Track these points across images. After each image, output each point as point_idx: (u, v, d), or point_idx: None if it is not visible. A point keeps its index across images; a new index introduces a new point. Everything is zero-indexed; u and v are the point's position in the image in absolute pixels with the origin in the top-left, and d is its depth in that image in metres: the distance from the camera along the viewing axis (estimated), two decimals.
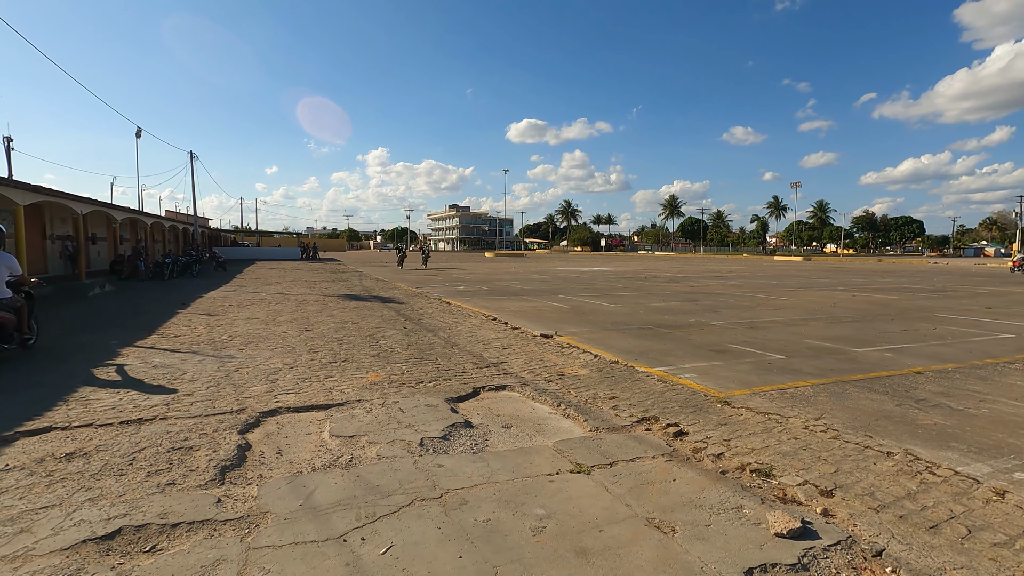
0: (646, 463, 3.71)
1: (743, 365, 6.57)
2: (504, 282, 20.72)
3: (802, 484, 3.34)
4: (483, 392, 5.52)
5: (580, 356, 7.06)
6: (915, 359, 7.00)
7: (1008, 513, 2.96)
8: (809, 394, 5.33)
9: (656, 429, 4.38)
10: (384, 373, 6.14)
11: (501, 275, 25.50)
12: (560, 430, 4.43)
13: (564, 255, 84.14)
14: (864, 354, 7.33)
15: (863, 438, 4.09)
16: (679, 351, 7.42)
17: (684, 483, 3.40)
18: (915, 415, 4.66)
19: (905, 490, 3.23)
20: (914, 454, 3.77)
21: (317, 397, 5.16)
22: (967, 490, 3.23)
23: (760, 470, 3.55)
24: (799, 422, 4.45)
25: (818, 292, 17.51)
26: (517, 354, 7.22)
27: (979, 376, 6.11)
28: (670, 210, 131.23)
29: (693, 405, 4.96)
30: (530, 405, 5.13)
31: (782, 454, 3.81)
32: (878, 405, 4.95)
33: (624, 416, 4.69)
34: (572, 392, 5.42)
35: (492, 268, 33.25)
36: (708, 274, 28.36)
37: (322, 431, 4.29)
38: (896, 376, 6.08)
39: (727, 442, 4.05)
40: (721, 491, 3.28)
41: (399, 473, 3.49)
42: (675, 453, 3.89)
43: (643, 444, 4.04)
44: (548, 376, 6.06)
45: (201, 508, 3.00)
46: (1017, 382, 5.86)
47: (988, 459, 3.70)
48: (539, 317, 10.75)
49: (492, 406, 5.08)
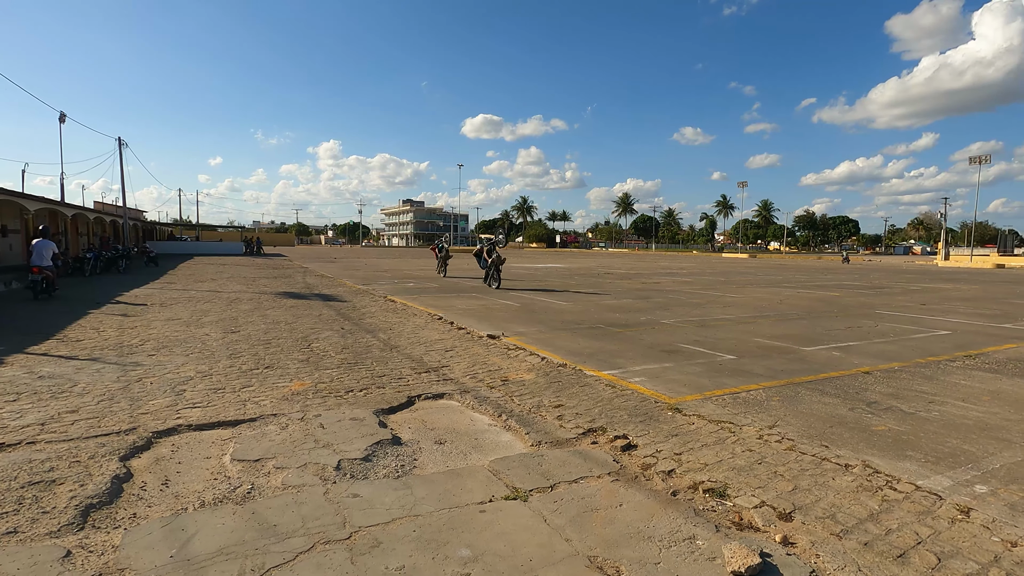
0: (591, 484, 3.33)
1: (694, 367, 6.33)
2: (455, 279, 20.16)
3: (759, 506, 3.03)
4: (418, 401, 5.04)
5: (527, 359, 6.67)
6: (862, 358, 6.96)
7: (976, 535, 2.73)
8: (762, 398, 5.10)
9: (603, 442, 4.01)
10: (311, 381, 5.56)
11: (453, 272, 24.90)
12: (499, 445, 4.00)
13: (519, 251, 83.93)
14: (812, 353, 7.25)
15: (819, 449, 3.84)
16: (630, 352, 7.13)
17: (632, 508, 3.03)
18: (869, 420, 4.49)
19: (867, 510, 2.97)
20: (873, 466, 3.54)
21: (227, 411, 4.55)
22: (931, 508, 3.00)
23: (714, 489, 3.22)
24: (753, 431, 4.19)
25: (765, 289, 17.81)
26: (460, 357, 6.76)
27: (925, 375, 6.08)
28: (623, 208, 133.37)
29: (643, 413, 4.64)
30: (469, 416, 4.68)
31: (736, 469, 3.50)
32: (831, 410, 4.76)
33: (569, 427, 4.31)
34: (515, 400, 5.01)
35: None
36: (660, 271, 28.64)
37: (224, 454, 3.71)
38: (845, 377, 5.96)
39: (678, 456, 3.73)
40: (672, 518, 2.93)
41: (304, 507, 2.98)
42: (623, 471, 3.53)
43: (588, 461, 3.66)
44: (491, 382, 5.62)
45: (40, 567, 2.40)
46: (961, 381, 5.84)
47: (947, 470, 3.51)
48: (488, 316, 10.31)
49: (427, 418, 4.60)
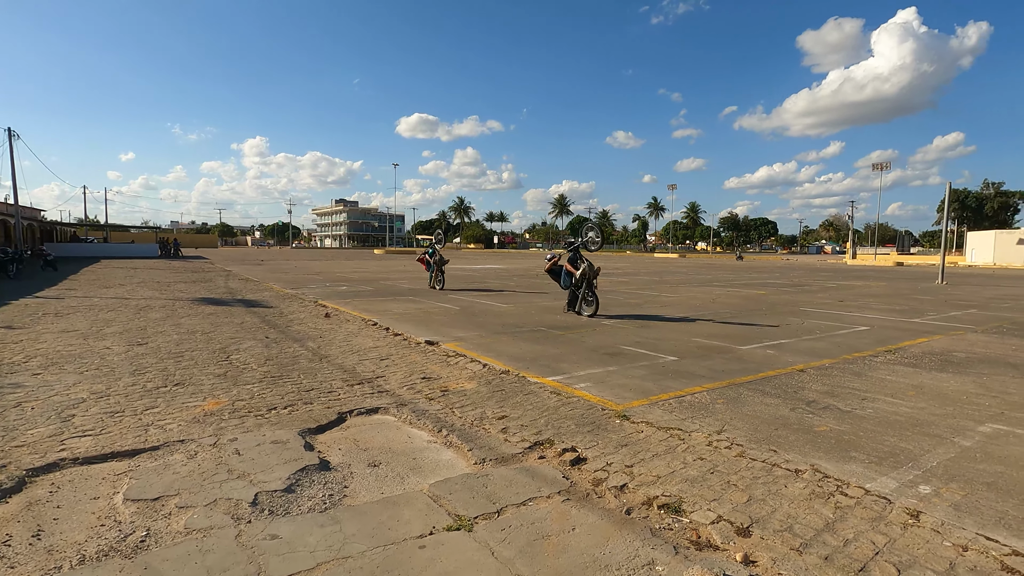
0: (540, 507, 3.07)
1: (638, 370, 6.25)
2: (391, 281, 19.52)
3: (716, 521, 2.88)
4: (350, 418, 4.62)
5: (468, 366, 6.36)
6: (795, 356, 7.15)
7: (929, 541, 2.69)
8: (706, 401, 5.06)
9: (551, 456, 3.78)
10: (227, 399, 5.00)
11: (389, 273, 24.16)
12: (439, 465, 3.68)
13: (457, 252, 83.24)
14: (749, 352, 7.38)
15: (768, 454, 3.79)
16: (573, 356, 6.98)
17: (585, 532, 2.80)
18: (811, 421, 4.51)
19: (823, 520, 2.89)
20: (822, 471, 3.50)
21: (124, 440, 3.95)
22: (882, 514, 2.96)
23: (669, 504, 3.06)
24: (702, 437, 4.09)
25: (698, 288, 18.36)
26: (397, 366, 6.35)
27: (853, 372, 6.29)
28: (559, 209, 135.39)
29: (590, 422, 4.45)
30: (406, 432, 4.32)
31: (690, 481, 3.36)
32: (774, 411, 4.77)
33: (515, 440, 4.05)
34: (456, 412, 4.69)
35: (381, 266, 31.62)
36: None
37: (115, 492, 3.17)
38: (782, 376, 6.06)
39: (630, 469, 3.55)
40: (629, 540, 2.73)
41: (211, 556, 2.54)
42: (573, 488, 3.30)
43: (536, 479, 3.41)
44: (430, 393, 5.28)
45: None
46: (887, 377, 6.07)
47: (890, 470, 3.53)
48: (426, 320, 9.90)
49: (360, 436, 4.20)
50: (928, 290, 18.84)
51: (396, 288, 16.63)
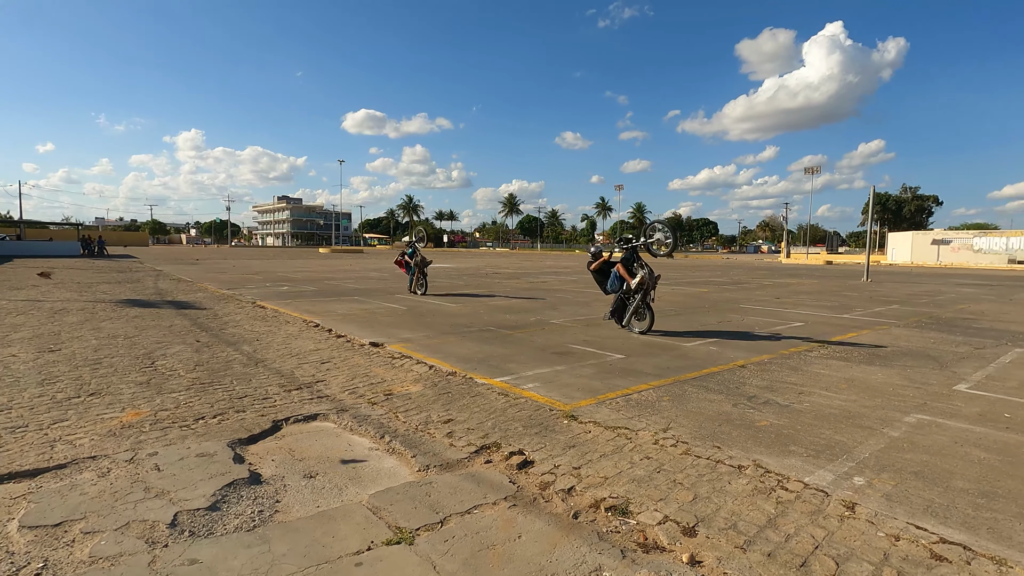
0: (486, 514, 2.96)
1: (586, 369, 6.24)
2: (336, 281, 18.92)
3: (663, 522, 2.86)
4: (286, 426, 4.36)
5: (413, 368, 6.17)
6: (736, 352, 7.35)
7: (864, 532, 2.76)
8: (653, 399, 5.09)
9: (498, 460, 3.68)
10: (149, 409, 4.62)
11: (334, 273, 23.44)
12: (381, 474, 3.51)
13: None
14: (693, 349, 7.53)
15: (713, 450, 3.82)
16: (521, 356, 6.91)
17: (532, 539, 2.72)
18: (752, 416, 4.61)
19: (765, 516, 2.92)
20: (763, 466, 3.56)
21: (25, 458, 3.56)
22: (820, 507, 3.02)
23: (616, 507, 3.01)
24: (648, 436, 4.09)
25: None
26: (339, 370, 6.09)
27: (791, 367, 6.52)
28: (509, 208, 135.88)
29: (538, 424, 4.38)
30: (346, 439, 4.11)
31: (637, 481, 3.34)
32: (717, 407, 4.85)
33: (461, 445, 3.93)
34: (400, 417, 4.51)
35: (325, 265, 30.66)
36: (546, 270, 29.25)
37: (10, 519, 2.83)
38: (725, 372, 6.20)
39: (577, 471, 3.49)
40: (576, 546, 2.66)
41: None
42: (520, 493, 3.21)
43: (482, 486, 3.30)
44: (373, 397, 5.07)
45: None
46: (821, 371, 6.32)
47: (826, 463, 3.63)
48: (371, 321, 9.60)
49: (296, 446, 3.96)
50: (855, 287, 19.98)
51: (341, 288, 16.12)
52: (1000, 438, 4.17)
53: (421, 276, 14.15)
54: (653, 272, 8.28)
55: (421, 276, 14.15)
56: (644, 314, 8.52)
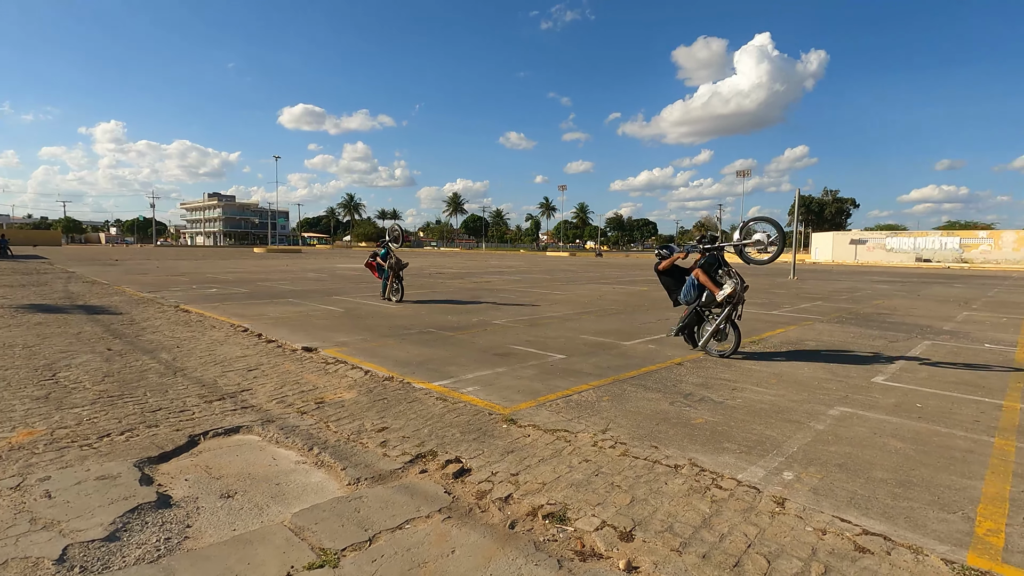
0: (418, 528, 2.82)
1: (527, 370, 6.18)
2: (271, 282, 18.08)
3: (600, 528, 2.81)
4: (204, 441, 4.03)
5: (348, 374, 5.90)
6: (673, 349, 7.50)
7: (793, 528, 2.81)
8: (592, 399, 5.08)
9: (433, 470, 3.53)
10: (45, 427, 4.16)
11: (269, 274, 22.42)
12: (307, 490, 3.29)
13: (347, 250, 79.98)
14: (632, 347, 7.63)
15: (650, 451, 3.83)
16: (462, 358, 6.77)
17: (466, 554, 2.60)
18: (688, 414, 4.68)
19: (700, 516, 2.93)
20: (699, 464, 3.59)
21: None
22: (752, 504, 3.07)
23: (554, 513, 2.94)
24: (588, 438, 4.06)
25: (586, 286, 19.00)
26: (267, 377, 5.74)
27: (724, 363, 6.70)
28: (454, 207, 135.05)
29: (477, 429, 4.26)
30: (271, 453, 3.85)
31: (575, 485, 3.28)
32: (655, 406, 4.90)
33: (395, 455, 3.75)
34: (331, 427, 4.28)
35: (260, 266, 29.30)
36: (490, 270, 29.17)
37: None
38: (662, 369, 6.30)
39: (515, 477, 3.40)
40: (511, 558, 2.56)
41: None
42: (455, 504, 3.08)
43: (416, 498, 3.14)
44: (303, 406, 4.79)
45: None
46: (752, 367, 6.54)
47: (758, 459, 3.71)
48: (305, 325, 9.18)
49: (214, 462, 3.67)
50: (782, 284, 21.06)
51: (275, 290, 15.40)
52: (914, 427, 4.41)
53: (396, 281, 12.56)
54: (743, 281, 6.71)
55: (396, 281, 12.56)
56: (727, 334, 6.96)
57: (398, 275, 12.56)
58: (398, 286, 12.58)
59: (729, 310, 6.74)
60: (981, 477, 3.49)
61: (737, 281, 6.70)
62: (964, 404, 5.10)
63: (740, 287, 6.67)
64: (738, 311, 6.87)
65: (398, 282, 12.59)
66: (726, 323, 6.85)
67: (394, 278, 12.53)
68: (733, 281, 6.69)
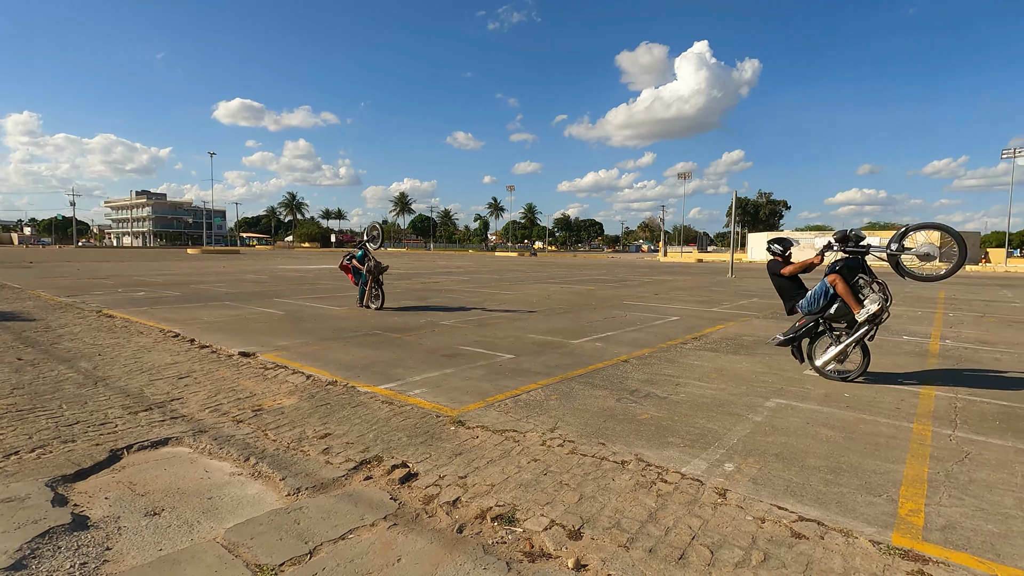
0: (363, 538, 2.71)
1: (476, 371, 6.12)
2: (205, 285, 17.19)
3: (549, 527, 2.80)
4: (129, 455, 3.76)
5: (288, 379, 5.66)
6: (619, 347, 7.64)
7: (734, 518, 2.90)
8: (541, 398, 5.09)
9: (378, 476, 3.42)
10: None
11: (204, 276, 21.32)
12: (242, 503, 3.11)
13: (289, 251, 77.25)
14: (579, 346, 7.71)
15: (598, 447, 3.86)
16: (409, 360, 6.63)
17: (413, 561, 2.52)
18: (634, 410, 4.75)
19: (647, 510, 2.97)
20: (645, 459, 3.65)
21: None
22: (696, 496, 3.14)
23: (503, 515, 2.91)
24: (536, 437, 4.05)
25: (534, 285, 19.12)
26: (200, 385, 5.43)
27: (668, 359, 6.88)
28: (401, 207, 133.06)
29: (424, 432, 4.17)
30: (203, 465, 3.63)
31: (524, 486, 3.26)
32: (602, 403, 4.95)
33: (338, 462, 3.61)
34: (270, 435, 4.08)
35: (194, 268, 27.83)
36: (439, 270, 28.88)
37: None
38: (609, 367, 6.39)
39: (463, 480, 3.34)
40: (460, 563, 2.50)
41: None
42: (401, 511, 2.99)
43: (360, 505, 3.03)
44: (239, 414, 4.55)
45: None
46: (694, 362, 6.75)
47: (701, 451, 3.81)
48: (242, 329, 8.76)
49: (138, 478, 3.42)
50: (722, 283, 21.93)
51: (210, 293, 14.64)
52: (842, 416, 4.66)
53: (375, 286, 11.21)
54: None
55: (375, 286, 11.21)
56: (853, 355, 5.81)
57: (377, 280, 11.26)
58: (378, 292, 11.25)
59: (866, 331, 5.51)
60: (903, 461, 3.72)
61: (885, 296, 5.52)
62: (886, 393, 5.43)
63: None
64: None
65: (377, 287, 11.27)
66: (854, 343, 5.60)
67: (373, 283, 11.23)
68: (880, 296, 5.46)
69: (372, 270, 11.07)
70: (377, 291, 11.25)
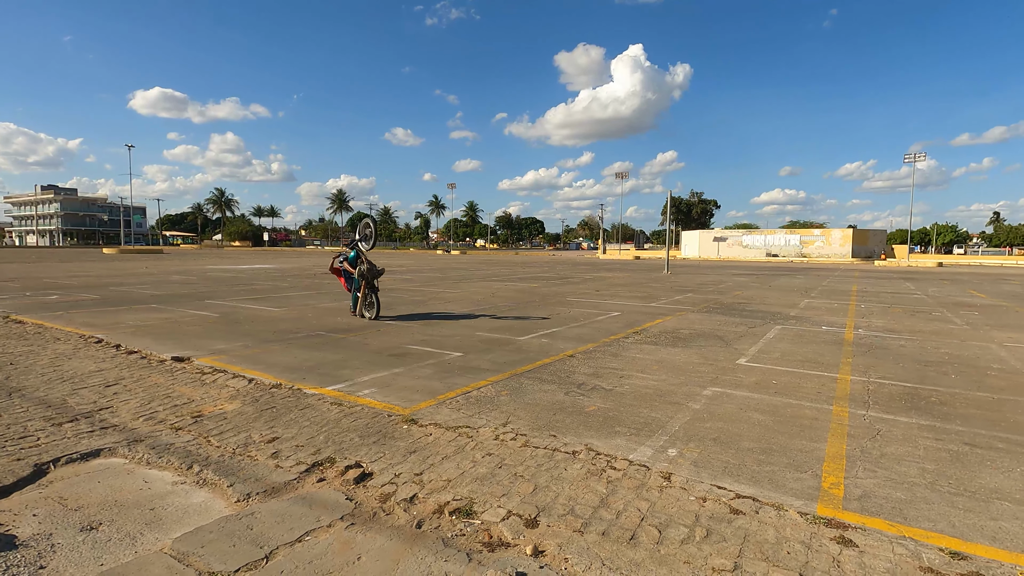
0: (320, 539, 2.70)
1: (425, 369, 6.12)
2: (127, 287, 16.10)
3: (506, 518, 2.88)
4: (55, 468, 3.53)
5: (229, 383, 5.46)
6: (565, 342, 7.84)
7: (679, 499, 3.09)
8: (492, 394, 5.16)
9: (332, 477, 3.39)
10: None
11: (124, 277, 19.95)
12: (188, 512, 3.00)
13: (218, 251, 73.44)
14: (527, 342, 7.85)
15: (549, 440, 3.98)
16: (356, 360, 6.54)
17: (373, 559, 2.53)
18: (582, 403, 4.92)
19: (598, 496, 3.11)
20: (594, 449, 3.80)
21: None
22: (644, 481, 3.31)
23: (460, 509, 2.96)
24: (489, 432, 4.12)
25: (478, 283, 19.17)
26: (131, 392, 5.13)
27: (612, 353, 7.14)
28: (338, 204, 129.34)
29: (377, 431, 4.15)
30: (141, 476, 3.46)
31: (480, 479, 3.33)
32: (551, 397, 5.09)
33: (289, 465, 3.55)
34: (213, 441, 3.94)
35: (112, 269, 25.96)
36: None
37: None
38: (556, 362, 6.56)
39: (419, 477, 3.37)
40: (421, 557, 2.54)
41: None
42: (358, 510, 2.99)
43: (315, 508, 3.00)
44: (177, 421, 4.35)
45: None
46: (637, 355, 7.03)
47: (646, 439, 4.01)
48: (174, 333, 8.31)
49: (69, 492, 3.22)
50: (658, 279, 22.79)
51: (134, 295, 13.75)
52: (771, 402, 5.02)
53: (370, 291, 9.78)
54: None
55: (370, 291, 9.78)
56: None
57: (372, 284, 9.81)
58: (372, 300, 9.82)
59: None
60: (824, 440, 4.06)
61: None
62: (808, 379, 5.89)
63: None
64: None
65: (372, 293, 9.83)
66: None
67: (367, 288, 9.79)
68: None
69: (365, 274, 9.63)
70: (372, 298, 9.85)
